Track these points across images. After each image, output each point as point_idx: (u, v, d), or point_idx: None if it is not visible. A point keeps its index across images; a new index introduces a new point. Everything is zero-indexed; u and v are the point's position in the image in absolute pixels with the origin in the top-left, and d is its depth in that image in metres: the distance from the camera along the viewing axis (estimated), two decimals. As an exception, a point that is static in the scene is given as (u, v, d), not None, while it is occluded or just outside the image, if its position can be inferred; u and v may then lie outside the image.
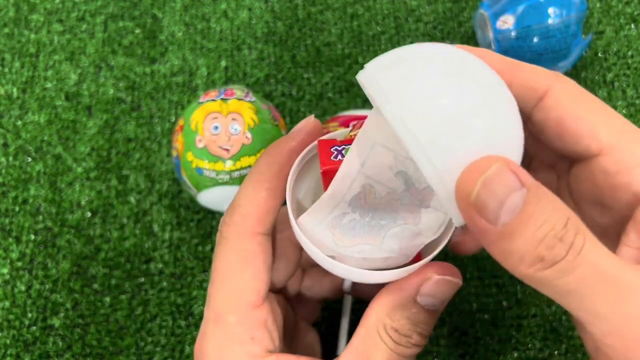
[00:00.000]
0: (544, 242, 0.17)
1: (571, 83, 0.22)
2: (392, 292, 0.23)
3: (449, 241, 0.24)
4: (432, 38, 0.44)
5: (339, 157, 0.23)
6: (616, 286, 0.18)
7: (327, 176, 0.23)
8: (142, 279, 0.38)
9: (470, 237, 0.26)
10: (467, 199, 0.18)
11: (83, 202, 0.40)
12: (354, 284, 0.31)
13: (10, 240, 0.39)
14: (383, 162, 0.21)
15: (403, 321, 0.22)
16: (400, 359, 0.23)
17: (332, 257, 0.23)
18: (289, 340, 0.28)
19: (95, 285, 0.38)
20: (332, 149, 0.23)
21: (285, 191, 0.24)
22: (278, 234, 0.27)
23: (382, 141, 0.21)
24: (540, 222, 0.17)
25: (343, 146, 0.23)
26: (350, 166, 0.22)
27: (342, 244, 0.23)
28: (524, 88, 0.22)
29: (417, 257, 0.24)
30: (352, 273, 0.23)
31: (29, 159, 0.41)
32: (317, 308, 0.33)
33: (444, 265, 0.23)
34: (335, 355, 0.24)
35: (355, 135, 0.23)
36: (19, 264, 0.38)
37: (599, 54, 0.42)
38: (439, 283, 0.23)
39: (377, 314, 0.23)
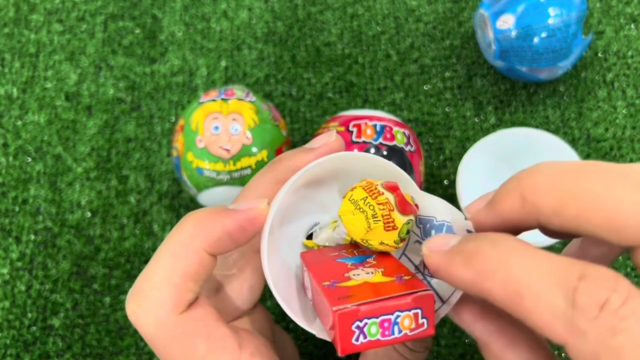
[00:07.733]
0: None
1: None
2: None
3: None
4: (432, 38, 0.44)
5: (361, 338, 0.19)
6: None
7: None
8: (142, 279, 0.38)
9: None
10: None
11: (83, 202, 0.40)
12: None
13: (10, 240, 0.39)
14: None
15: None
16: None
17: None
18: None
19: (95, 285, 0.38)
20: (353, 327, 0.19)
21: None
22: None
23: None
24: None
25: (365, 320, 0.19)
26: None
27: None
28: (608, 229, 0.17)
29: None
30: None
31: (29, 159, 0.41)
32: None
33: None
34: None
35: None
36: (19, 264, 0.38)
37: (599, 54, 0.42)
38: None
39: None
